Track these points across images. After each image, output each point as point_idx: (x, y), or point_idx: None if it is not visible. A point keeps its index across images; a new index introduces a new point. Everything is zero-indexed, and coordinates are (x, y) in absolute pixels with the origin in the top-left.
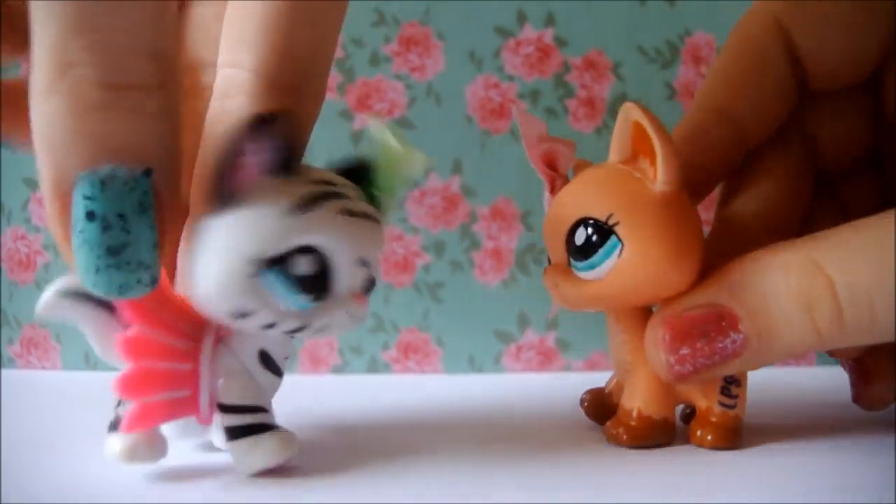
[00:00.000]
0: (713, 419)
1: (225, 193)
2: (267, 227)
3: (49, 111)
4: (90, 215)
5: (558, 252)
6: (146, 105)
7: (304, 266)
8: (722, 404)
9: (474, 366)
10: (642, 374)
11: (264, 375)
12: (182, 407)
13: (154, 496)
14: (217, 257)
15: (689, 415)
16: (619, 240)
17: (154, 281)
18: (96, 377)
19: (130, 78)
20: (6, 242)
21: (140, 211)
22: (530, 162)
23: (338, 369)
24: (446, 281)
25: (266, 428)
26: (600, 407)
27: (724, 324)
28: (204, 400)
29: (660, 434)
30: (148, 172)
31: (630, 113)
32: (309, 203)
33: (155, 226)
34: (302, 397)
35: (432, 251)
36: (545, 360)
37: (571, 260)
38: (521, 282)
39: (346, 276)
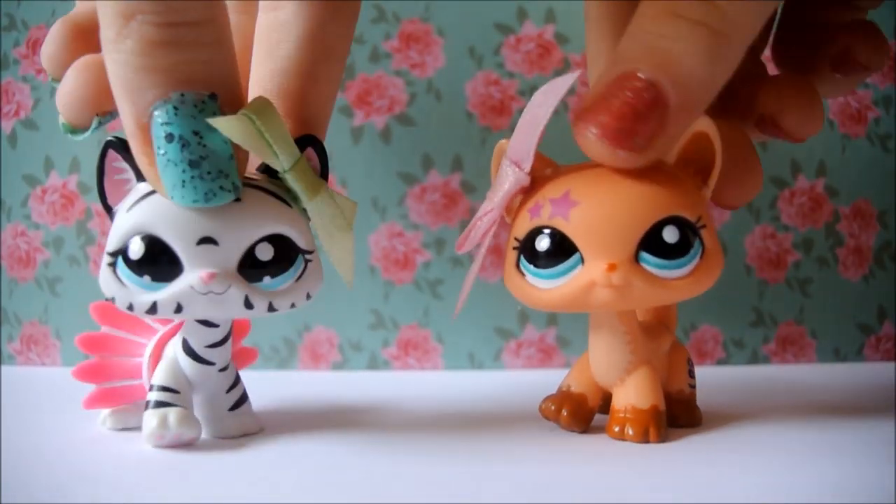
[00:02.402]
0: (686, 400)
1: (104, 204)
2: (116, 225)
3: (120, 57)
4: (169, 137)
5: (623, 247)
6: (203, 37)
7: (134, 250)
8: (690, 385)
9: (474, 362)
10: (647, 372)
11: (185, 361)
12: (133, 392)
13: (154, 495)
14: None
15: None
16: (702, 242)
17: (235, 188)
18: None
19: (186, 16)
20: (6, 239)
21: (212, 128)
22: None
23: (338, 366)
24: (446, 278)
25: (168, 405)
26: (581, 414)
27: (626, 82)
28: (147, 386)
29: (665, 422)
30: (213, 96)
31: (701, 124)
32: (140, 198)
33: (228, 140)
34: (302, 394)
35: (433, 248)
36: (545, 356)
37: (649, 256)
38: None
39: (187, 255)
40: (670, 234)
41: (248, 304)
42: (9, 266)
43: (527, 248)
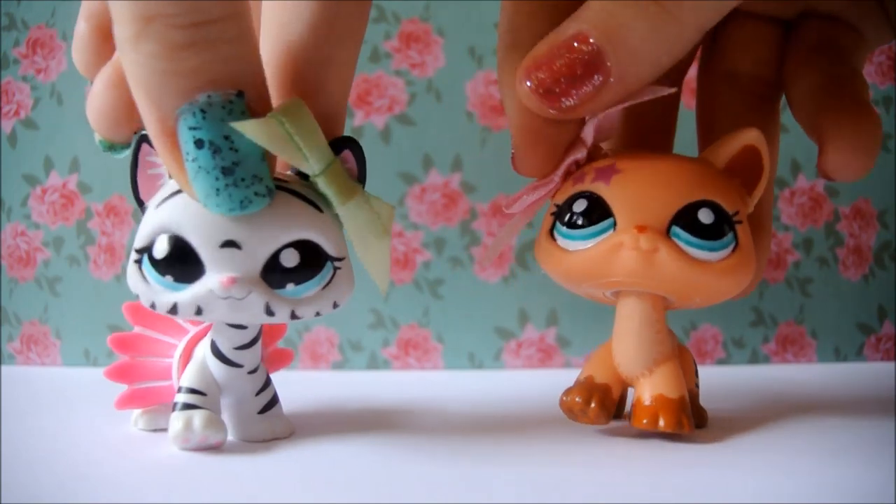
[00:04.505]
0: (694, 400)
1: (137, 199)
2: (144, 221)
3: (140, 59)
4: (199, 143)
5: (657, 217)
6: (226, 33)
7: (159, 249)
8: (696, 386)
9: (474, 362)
10: (674, 365)
11: (214, 363)
12: (164, 393)
13: (154, 495)
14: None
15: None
16: (736, 237)
17: (270, 192)
18: (96, 374)
19: (209, 14)
20: (6, 239)
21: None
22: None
23: (338, 365)
24: (446, 277)
25: (194, 408)
26: (608, 405)
27: (575, 44)
28: (176, 388)
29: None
30: (241, 94)
31: (750, 137)
32: (168, 196)
33: None
34: (302, 393)
35: (432, 248)
36: (545, 356)
37: (681, 231)
38: (520, 278)
39: (209, 258)
40: (705, 215)
41: (269, 311)
42: (9, 266)
43: (563, 212)
